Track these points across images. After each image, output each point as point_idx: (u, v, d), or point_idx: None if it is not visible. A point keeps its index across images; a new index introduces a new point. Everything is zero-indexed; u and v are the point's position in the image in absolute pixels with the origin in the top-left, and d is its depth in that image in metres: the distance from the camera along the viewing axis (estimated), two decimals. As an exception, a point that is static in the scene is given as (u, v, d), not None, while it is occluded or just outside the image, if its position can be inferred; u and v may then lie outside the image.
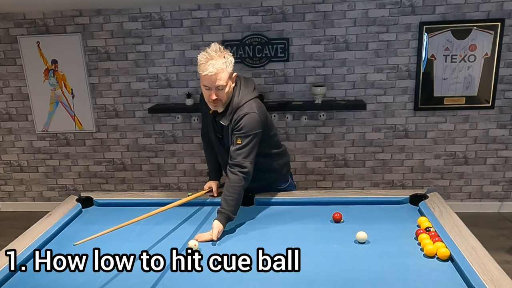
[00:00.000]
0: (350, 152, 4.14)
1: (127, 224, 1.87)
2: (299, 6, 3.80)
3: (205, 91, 2.08)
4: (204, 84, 2.05)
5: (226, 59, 2.04)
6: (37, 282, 1.65)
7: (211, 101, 2.08)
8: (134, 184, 4.44)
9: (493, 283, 1.44)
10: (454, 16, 3.71)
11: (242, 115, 2.09)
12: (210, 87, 2.04)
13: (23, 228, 2.07)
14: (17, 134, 4.40)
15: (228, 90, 2.08)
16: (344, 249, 1.81)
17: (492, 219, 4.02)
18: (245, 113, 2.09)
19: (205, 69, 1.99)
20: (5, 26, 4.07)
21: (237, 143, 2.09)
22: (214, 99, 2.06)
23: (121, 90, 4.17)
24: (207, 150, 2.54)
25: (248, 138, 2.08)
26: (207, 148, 2.52)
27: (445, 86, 3.86)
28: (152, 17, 3.94)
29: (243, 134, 2.08)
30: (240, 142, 2.08)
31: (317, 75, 3.94)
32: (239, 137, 2.08)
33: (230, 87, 2.09)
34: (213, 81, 2.01)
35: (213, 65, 1.98)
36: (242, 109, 2.11)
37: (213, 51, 2.02)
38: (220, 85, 2.03)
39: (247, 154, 2.09)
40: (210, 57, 2.00)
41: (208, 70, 1.99)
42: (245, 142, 2.08)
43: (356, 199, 2.28)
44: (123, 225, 1.86)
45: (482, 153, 4.03)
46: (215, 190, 2.39)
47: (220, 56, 2.02)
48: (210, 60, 1.99)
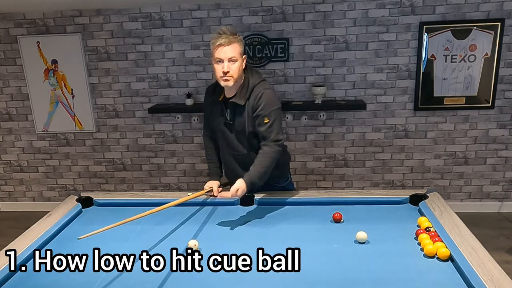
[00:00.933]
0: (350, 152, 4.14)
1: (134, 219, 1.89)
2: (299, 6, 3.80)
3: (217, 66, 2.15)
4: (217, 57, 2.13)
5: (238, 36, 2.18)
6: (37, 282, 1.65)
7: (223, 74, 2.14)
8: (134, 184, 4.44)
9: (493, 283, 1.44)
10: (454, 16, 3.71)
11: (261, 92, 2.19)
12: (222, 59, 2.12)
13: (23, 228, 2.07)
14: (17, 134, 4.40)
15: (239, 67, 2.16)
16: (344, 249, 1.81)
17: (492, 219, 4.02)
18: (262, 90, 2.20)
19: (219, 40, 2.11)
20: (5, 26, 4.07)
21: (265, 123, 2.17)
22: (226, 71, 2.12)
23: (121, 90, 4.17)
24: (209, 149, 2.55)
25: (273, 114, 2.19)
26: (209, 147, 2.53)
27: (445, 86, 3.86)
28: (152, 17, 3.94)
29: (268, 111, 2.17)
30: (268, 120, 2.17)
31: (317, 75, 3.94)
32: (265, 116, 2.17)
33: (241, 66, 2.18)
34: (226, 51, 2.10)
35: (226, 36, 2.12)
36: (258, 87, 2.21)
37: (225, 28, 2.16)
38: (232, 57, 2.12)
39: (278, 129, 2.20)
40: (222, 32, 2.14)
41: (221, 40, 2.10)
42: (272, 119, 2.18)
43: (356, 199, 2.28)
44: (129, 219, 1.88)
45: (482, 153, 4.03)
46: (215, 190, 2.38)
47: (233, 33, 2.16)
48: (223, 34, 2.13)
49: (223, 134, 2.35)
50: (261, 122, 2.18)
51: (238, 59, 2.14)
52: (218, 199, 2.34)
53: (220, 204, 2.32)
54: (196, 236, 1.95)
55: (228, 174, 2.51)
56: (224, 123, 2.31)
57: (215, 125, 2.39)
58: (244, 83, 2.23)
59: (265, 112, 2.17)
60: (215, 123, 2.38)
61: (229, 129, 2.31)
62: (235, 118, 2.26)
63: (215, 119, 2.36)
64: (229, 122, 2.29)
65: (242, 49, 2.18)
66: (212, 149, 2.52)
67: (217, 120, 2.34)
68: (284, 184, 2.51)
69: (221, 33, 2.13)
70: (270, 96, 2.21)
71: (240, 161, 2.36)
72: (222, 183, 2.48)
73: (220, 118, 2.32)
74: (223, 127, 2.33)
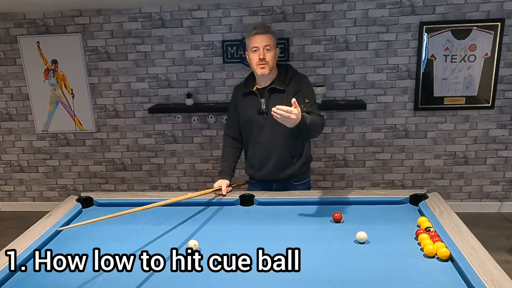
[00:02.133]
0: (350, 152, 4.14)
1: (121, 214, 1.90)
2: (299, 6, 3.80)
3: (253, 55, 2.27)
4: (253, 45, 2.26)
5: (271, 28, 2.33)
6: (37, 282, 1.65)
7: (259, 62, 2.25)
8: (134, 184, 4.44)
9: (493, 283, 1.44)
10: (454, 16, 3.71)
11: (302, 78, 2.38)
12: (258, 46, 2.24)
13: (23, 228, 2.06)
14: (17, 134, 4.40)
15: (274, 55, 2.28)
16: (344, 249, 1.80)
17: (492, 219, 4.02)
18: (302, 77, 2.39)
19: (255, 30, 2.26)
20: (5, 26, 4.07)
21: (306, 102, 2.28)
22: (262, 58, 2.24)
23: (121, 90, 4.17)
24: (227, 148, 2.57)
25: (313, 95, 2.39)
26: (228, 146, 2.56)
27: (445, 86, 3.86)
28: (152, 17, 3.94)
29: (309, 94, 2.34)
30: (308, 100, 2.30)
31: (317, 75, 3.94)
32: (306, 97, 2.30)
33: (275, 56, 2.31)
34: (262, 39, 2.24)
35: (262, 26, 2.29)
36: (298, 75, 2.39)
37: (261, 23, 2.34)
38: (268, 45, 2.24)
39: (317, 107, 2.39)
40: (258, 24, 2.33)
41: (258, 29, 2.25)
42: (313, 99, 2.36)
43: (356, 199, 2.28)
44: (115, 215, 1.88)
45: (482, 153, 4.04)
46: (224, 189, 2.38)
47: (268, 27, 2.33)
48: (259, 25, 2.30)
49: (256, 123, 2.39)
50: (302, 101, 2.26)
51: (272, 49, 2.27)
52: (224, 199, 2.34)
53: (220, 204, 2.32)
54: (196, 236, 1.95)
55: (254, 166, 2.51)
56: (258, 112, 2.37)
57: (246, 116, 2.42)
58: (281, 71, 2.36)
59: (306, 94, 2.31)
60: (247, 113, 2.42)
61: (263, 118, 2.37)
62: (270, 106, 2.29)
63: (248, 110, 2.41)
64: (264, 110, 2.35)
65: (275, 42, 2.31)
66: (230, 148, 2.55)
67: (250, 110, 2.40)
68: (303, 182, 2.53)
69: (257, 24, 2.30)
70: (310, 83, 2.40)
71: (269, 150, 2.40)
72: (232, 183, 2.48)
73: (253, 108, 2.38)
74: (257, 116, 2.38)
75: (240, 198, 2.32)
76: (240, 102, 2.46)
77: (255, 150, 2.47)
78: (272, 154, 2.40)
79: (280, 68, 2.39)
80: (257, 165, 2.49)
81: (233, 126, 2.54)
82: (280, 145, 2.38)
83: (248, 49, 2.30)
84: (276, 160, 2.40)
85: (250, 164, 2.55)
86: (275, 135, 2.36)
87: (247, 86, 2.43)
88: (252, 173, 2.55)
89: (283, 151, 2.39)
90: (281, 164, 2.42)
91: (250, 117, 2.40)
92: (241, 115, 2.47)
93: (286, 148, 2.39)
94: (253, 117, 2.39)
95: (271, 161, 2.41)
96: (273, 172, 2.44)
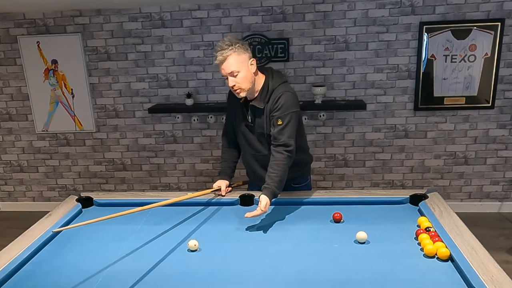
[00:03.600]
0: (350, 152, 4.14)
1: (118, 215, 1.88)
2: (299, 6, 3.80)
3: (227, 80, 2.18)
4: (221, 73, 2.18)
5: (234, 45, 2.13)
6: (37, 282, 1.65)
7: (231, 88, 2.19)
8: (134, 184, 4.44)
9: (493, 283, 1.44)
10: (454, 16, 3.71)
11: (279, 95, 2.19)
12: (225, 75, 2.16)
13: (23, 228, 2.07)
14: (17, 134, 4.40)
15: (245, 76, 2.15)
16: (344, 249, 1.81)
17: (492, 219, 4.02)
18: (281, 92, 2.20)
19: (216, 59, 2.14)
20: (5, 26, 4.07)
21: (278, 124, 2.18)
22: (232, 86, 2.16)
23: (121, 90, 4.17)
24: (225, 148, 2.55)
25: (287, 117, 2.18)
26: (227, 147, 2.54)
27: (445, 86, 3.86)
28: (152, 17, 3.94)
29: (283, 113, 2.17)
30: (281, 122, 2.17)
31: (317, 75, 3.94)
32: (279, 117, 2.18)
33: (248, 73, 2.16)
34: (224, 68, 2.13)
35: (221, 52, 2.12)
36: (277, 90, 2.22)
37: (221, 43, 2.15)
38: (232, 71, 2.12)
39: (290, 133, 2.18)
40: (220, 48, 2.14)
41: (218, 59, 2.13)
42: (286, 122, 2.17)
43: (356, 199, 2.28)
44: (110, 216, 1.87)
45: (482, 153, 4.03)
46: (223, 190, 2.38)
47: (229, 45, 2.13)
48: (220, 51, 2.13)
49: (244, 135, 2.37)
50: (275, 123, 2.19)
51: (241, 70, 2.13)
52: (224, 199, 2.34)
53: (220, 204, 2.32)
54: (196, 236, 1.95)
55: (249, 174, 2.53)
56: (245, 124, 2.34)
57: (236, 126, 2.41)
58: (264, 86, 2.24)
59: (280, 114, 2.17)
60: (236, 124, 2.40)
61: (250, 131, 2.34)
62: (255, 120, 2.29)
63: (237, 120, 2.39)
64: (250, 124, 2.32)
65: (244, 56, 2.14)
66: (229, 149, 2.53)
67: (239, 121, 2.37)
68: (303, 184, 2.51)
69: (219, 49, 2.13)
70: (288, 99, 2.19)
71: (261, 161, 2.37)
72: (231, 183, 2.48)
73: (241, 120, 2.35)
74: (244, 128, 2.35)
75: (240, 198, 2.32)
76: (232, 108, 2.42)
77: (247, 159, 2.46)
78: (263, 165, 2.34)
79: (266, 79, 2.25)
80: (251, 174, 2.50)
81: (231, 127, 2.51)
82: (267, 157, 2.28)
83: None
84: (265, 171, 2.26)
85: (246, 170, 2.54)
86: (262, 148, 2.33)
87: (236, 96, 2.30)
88: (250, 179, 2.56)
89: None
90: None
91: (239, 127, 2.38)
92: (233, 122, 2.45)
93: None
94: (241, 128, 2.37)
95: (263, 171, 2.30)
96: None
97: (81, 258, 1.80)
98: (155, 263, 1.72)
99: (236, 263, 1.72)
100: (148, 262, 1.73)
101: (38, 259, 1.81)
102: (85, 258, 1.80)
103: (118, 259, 1.77)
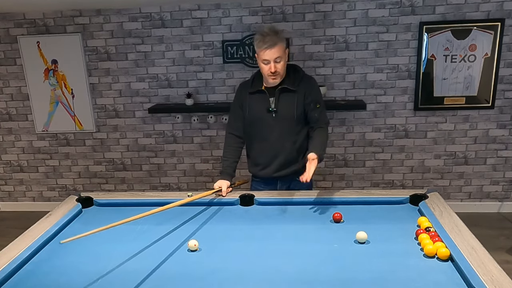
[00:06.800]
0: (350, 152, 4.14)
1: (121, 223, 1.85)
2: (299, 6, 3.80)
3: (264, 66, 2.28)
4: (263, 58, 2.26)
5: (281, 34, 2.29)
6: (37, 282, 1.65)
7: (271, 74, 2.27)
8: (134, 184, 4.44)
9: (493, 283, 1.44)
10: (454, 16, 3.71)
11: (312, 80, 2.45)
12: (269, 60, 2.24)
13: (23, 228, 2.07)
14: (17, 134, 4.40)
15: (284, 63, 2.30)
16: (344, 249, 1.81)
17: (492, 219, 4.02)
18: (309, 76, 2.46)
19: (264, 44, 2.23)
20: (5, 26, 4.07)
21: (317, 107, 2.38)
22: (273, 71, 2.25)
23: (121, 90, 4.17)
24: (229, 147, 2.54)
25: (322, 98, 2.47)
26: (230, 146, 2.54)
27: (445, 86, 3.86)
28: (152, 17, 3.94)
29: (319, 98, 2.42)
30: (319, 105, 2.39)
31: (317, 75, 3.94)
32: (317, 101, 2.39)
33: (285, 60, 2.31)
34: (271, 53, 2.22)
35: (270, 38, 2.22)
36: (306, 75, 2.44)
37: (267, 30, 2.26)
38: (278, 57, 2.24)
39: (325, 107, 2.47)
40: (266, 34, 2.24)
41: (267, 44, 2.22)
42: (323, 104, 2.43)
43: (356, 199, 2.28)
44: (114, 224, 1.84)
45: (482, 153, 4.04)
46: (224, 190, 2.37)
47: (276, 32, 2.26)
48: (267, 36, 2.23)
49: (265, 122, 2.41)
50: (314, 107, 2.36)
51: (283, 57, 2.27)
52: (224, 199, 2.34)
53: (220, 204, 2.32)
54: (196, 236, 1.95)
55: (260, 164, 2.52)
56: (267, 110, 2.38)
57: (254, 114, 2.43)
58: (289, 71, 2.38)
59: (317, 98, 2.39)
60: (254, 112, 2.42)
61: (272, 116, 2.38)
62: (279, 105, 2.36)
63: (255, 108, 2.42)
64: (273, 109, 2.37)
65: (285, 46, 2.29)
66: (233, 147, 2.53)
67: (258, 108, 2.41)
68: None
69: (265, 34, 2.23)
70: (318, 85, 2.46)
71: (278, 148, 2.43)
72: (232, 183, 2.47)
73: (261, 106, 2.40)
74: (266, 115, 2.39)
75: (240, 198, 2.32)
76: (247, 100, 2.45)
77: (263, 149, 2.48)
78: (280, 153, 2.43)
79: (288, 67, 2.39)
80: (263, 164, 2.50)
81: (237, 124, 2.52)
82: (288, 144, 2.42)
83: (258, 57, 2.31)
84: (283, 159, 2.44)
85: (254, 162, 2.55)
86: (284, 134, 2.40)
87: (255, 85, 2.43)
88: (256, 172, 2.56)
89: (291, 150, 2.43)
90: (287, 162, 2.45)
91: (258, 115, 2.41)
92: (248, 113, 2.46)
93: (294, 147, 2.43)
94: (261, 115, 2.40)
95: (278, 160, 2.44)
96: (279, 170, 2.47)
97: (81, 258, 1.80)
98: (155, 263, 1.72)
99: (236, 263, 1.72)
100: (148, 262, 1.73)
101: (38, 259, 1.80)
102: (85, 258, 1.80)
103: (118, 259, 1.76)
